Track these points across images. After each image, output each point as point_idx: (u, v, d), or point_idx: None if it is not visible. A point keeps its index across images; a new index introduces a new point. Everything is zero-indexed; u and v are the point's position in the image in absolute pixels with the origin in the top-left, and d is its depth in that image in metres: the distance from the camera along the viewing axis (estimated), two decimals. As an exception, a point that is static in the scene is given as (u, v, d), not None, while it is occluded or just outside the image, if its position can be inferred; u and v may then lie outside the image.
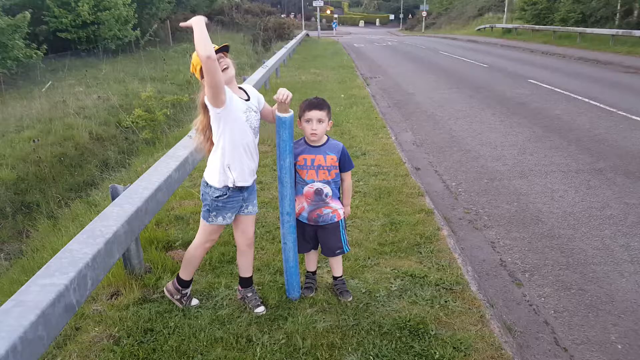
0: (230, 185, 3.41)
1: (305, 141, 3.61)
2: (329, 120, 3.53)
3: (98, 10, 22.28)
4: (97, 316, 3.73)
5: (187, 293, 3.84)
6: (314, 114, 3.45)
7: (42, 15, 21.17)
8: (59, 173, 8.98)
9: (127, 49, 24.83)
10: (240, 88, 3.50)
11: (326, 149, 3.57)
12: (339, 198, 3.74)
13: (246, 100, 3.42)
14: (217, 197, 3.43)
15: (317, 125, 3.46)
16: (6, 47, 16.45)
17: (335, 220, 3.71)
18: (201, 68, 3.09)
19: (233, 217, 3.58)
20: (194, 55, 3.18)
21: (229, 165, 3.38)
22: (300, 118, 3.52)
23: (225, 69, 3.23)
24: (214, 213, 3.49)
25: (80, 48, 22.97)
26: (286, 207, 3.63)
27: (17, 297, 2.42)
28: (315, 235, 3.83)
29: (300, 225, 3.77)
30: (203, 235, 3.65)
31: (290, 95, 3.33)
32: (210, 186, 3.44)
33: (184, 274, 3.78)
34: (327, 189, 3.61)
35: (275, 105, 3.49)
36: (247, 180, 3.49)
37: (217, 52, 3.15)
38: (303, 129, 3.53)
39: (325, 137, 3.61)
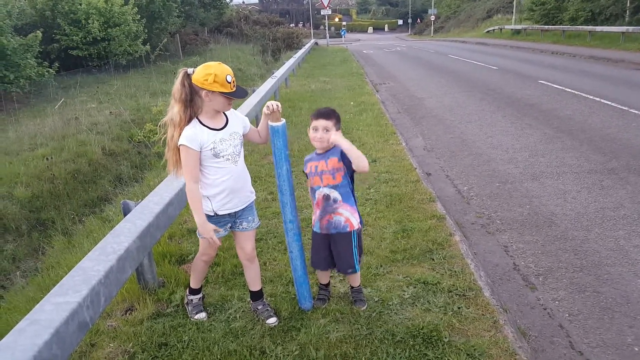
0: (212, 214, 3.43)
1: (315, 152, 3.64)
2: (337, 130, 3.53)
3: (108, 26, 22.48)
4: (112, 332, 3.76)
5: (192, 300, 3.91)
6: (321, 122, 3.47)
7: (53, 33, 21.41)
8: (73, 189, 9.06)
9: (138, 64, 25.02)
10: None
11: (328, 154, 3.54)
12: (355, 205, 3.69)
13: (220, 129, 3.32)
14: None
15: (322, 133, 3.47)
16: (19, 67, 16.66)
17: (347, 230, 3.63)
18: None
19: (224, 233, 3.55)
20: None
21: (208, 196, 3.40)
22: (309, 127, 3.54)
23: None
24: None
25: (91, 64, 23.19)
26: (288, 215, 3.64)
27: (32, 316, 2.46)
28: (329, 251, 3.75)
29: (315, 239, 3.77)
30: (200, 247, 3.72)
31: (279, 104, 3.38)
32: None
33: (192, 282, 3.90)
34: (334, 194, 3.57)
35: (260, 123, 3.53)
36: (230, 209, 3.48)
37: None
38: (311, 138, 3.55)
39: (333, 146, 3.60)
